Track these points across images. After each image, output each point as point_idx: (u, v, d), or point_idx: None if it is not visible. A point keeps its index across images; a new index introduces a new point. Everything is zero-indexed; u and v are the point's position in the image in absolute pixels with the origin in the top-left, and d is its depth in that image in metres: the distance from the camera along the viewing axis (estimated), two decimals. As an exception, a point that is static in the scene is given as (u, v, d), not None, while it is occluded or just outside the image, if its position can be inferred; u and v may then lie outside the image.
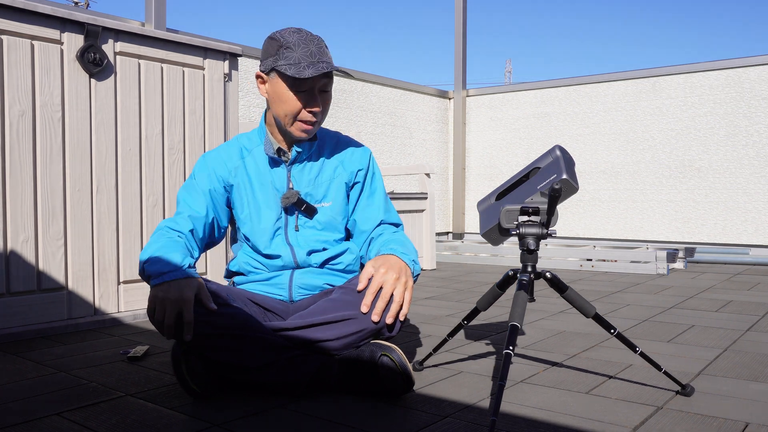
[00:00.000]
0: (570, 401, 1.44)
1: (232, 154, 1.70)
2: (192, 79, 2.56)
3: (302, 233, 1.68)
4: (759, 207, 4.24)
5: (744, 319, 2.37)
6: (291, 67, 1.53)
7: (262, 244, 1.67)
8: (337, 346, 1.51)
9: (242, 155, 1.70)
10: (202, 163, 1.70)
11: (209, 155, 1.71)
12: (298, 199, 1.64)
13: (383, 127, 4.88)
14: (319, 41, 1.59)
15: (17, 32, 2.09)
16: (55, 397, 1.50)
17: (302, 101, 1.58)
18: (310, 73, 1.52)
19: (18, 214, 2.10)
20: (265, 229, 1.66)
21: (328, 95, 1.63)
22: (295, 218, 1.68)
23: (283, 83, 1.57)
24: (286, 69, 1.54)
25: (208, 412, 1.38)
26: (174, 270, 1.46)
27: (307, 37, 1.57)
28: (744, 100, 4.29)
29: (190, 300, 1.42)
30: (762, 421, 1.31)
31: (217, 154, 1.71)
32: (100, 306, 2.31)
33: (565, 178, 1.39)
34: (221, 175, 1.68)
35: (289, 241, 1.67)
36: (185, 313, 1.40)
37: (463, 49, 5.42)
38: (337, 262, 1.70)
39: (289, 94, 1.57)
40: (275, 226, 1.67)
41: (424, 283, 3.45)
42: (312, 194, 1.68)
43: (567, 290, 1.49)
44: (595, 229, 4.85)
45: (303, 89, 1.57)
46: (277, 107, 1.61)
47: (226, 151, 1.71)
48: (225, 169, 1.68)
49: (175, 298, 1.41)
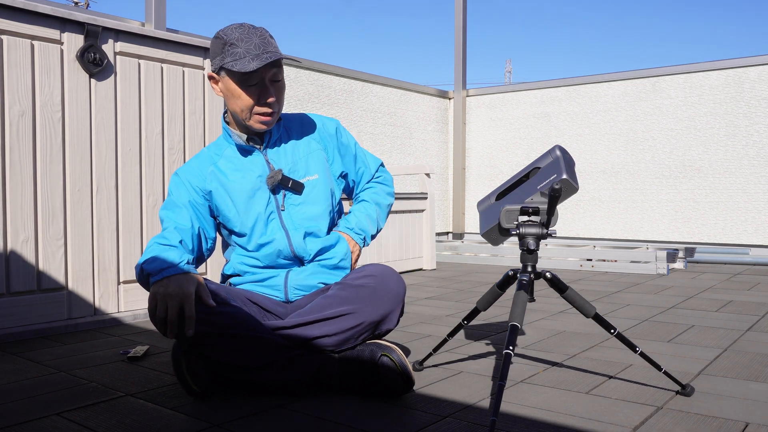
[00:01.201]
0: (570, 401, 1.44)
1: (202, 163, 1.70)
2: (192, 79, 2.56)
3: (295, 211, 1.66)
4: (759, 207, 4.24)
5: (744, 319, 2.37)
6: (236, 62, 1.54)
7: (257, 233, 1.65)
8: (336, 342, 1.51)
9: (213, 161, 1.69)
10: (176, 179, 1.70)
11: (180, 171, 1.71)
12: (282, 176, 1.64)
13: (383, 127, 4.88)
14: (263, 32, 1.59)
15: (17, 32, 2.09)
16: (55, 397, 1.50)
17: (255, 95, 1.58)
18: (255, 65, 1.52)
19: (18, 214, 2.10)
20: (258, 217, 1.65)
21: (280, 84, 1.62)
22: (282, 197, 1.67)
23: (232, 80, 1.58)
24: (233, 65, 1.54)
25: (208, 412, 1.38)
26: (172, 266, 1.46)
27: (249, 31, 1.57)
28: (744, 100, 4.29)
29: (191, 294, 1.42)
30: (762, 421, 1.31)
31: (188, 167, 1.71)
32: (100, 306, 2.31)
33: (565, 178, 1.39)
34: (196, 184, 1.67)
35: (284, 224, 1.66)
36: (186, 308, 1.40)
37: (463, 49, 5.42)
38: (330, 255, 1.69)
39: (241, 90, 1.58)
40: (267, 211, 1.66)
41: (424, 283, 3.45)
42: (295, 170, 1.68)
43: (567, 290, 1.49)
44: (595, 229, 4.85)
45: (253, 83, 1.57)
46: (232, 104, 1.61)
47: (196, 162, 1.71)
48: (199, 177, 1.68)
49: (175, 293, 1.40)
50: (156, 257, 1.48)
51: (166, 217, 1.65)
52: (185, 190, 1.67)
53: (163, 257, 1.48)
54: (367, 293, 1.54)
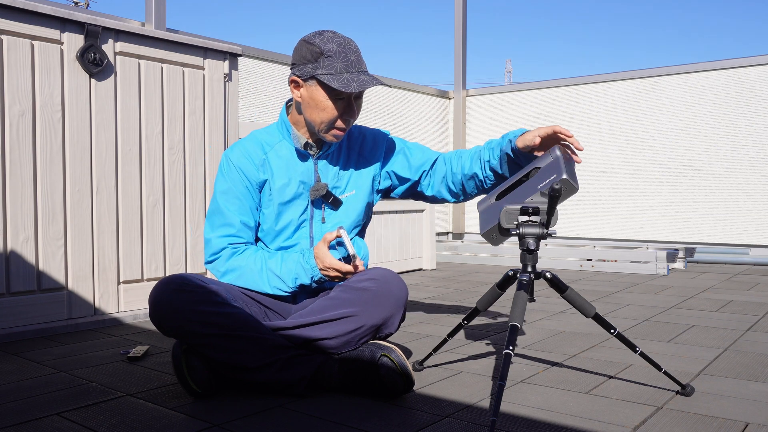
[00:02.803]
0: (570, 401, 1.44)
1: (255, 150, 1.68)
2: (192, 79, 2.56)
3: (327, 226, 1.70)
4: (759, 207, 4.24)
5: (744, 319, 2.37)
6: (334, 78, 1.54)
7: (283, 237, 1.67)
8: (336, 344, 1.51)
9: (265, 150, 1.69)
10: (228, 165, 1.67)
11: (233, 156, 1.68)
12: (326, 191, 1.66)
13: (383, 127, 4.88)
14: (356, 48, 1.60)
15: (17, 32, 2.09)
16: (55, 397, 1.50)
17: (339, 109, 1.59)
18: (355, 87, 1.53)
19: (18, 214, 2.10)
20: (290, 223, 1.67)
21: (361, 101, 1.65)
22: (321, 211, 1.69)
23: (323, 91, 1.58)
24: (330, 80, 1.54)
25: (208, 412, 1.38)
26: (294, 258, 1.61)
27: (345, 45, 1.57)
28: (744, 100, 4.29)
29: (322, 246, 1.56)
30: (762, 421, 1.31)
31: (241, 152, 1.67)
32: (100, 306, 2.31)
33: (565, 178, 1.39)
34: (250, 174, 1.66)
35: (312, 234, 1.69)
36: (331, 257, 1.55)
37: (463, 49, 5.42)
38: None
39: (328, 103, 1.58)
40: (300, 219, 1.68)
41: (424, 283, 3.45)
42: (338, 186, 1.70)
43: (567, 290, 1.49)
44: (595, 229, 4.85)
45: (341, 97, 1.58)
46: (312, 113, 1.60)
47: (249, 146, 1.69)
48: (253, 166, 1.66)
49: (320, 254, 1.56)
50: (280, 273, 1.62)
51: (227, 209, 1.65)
52: (239, 178, 1.66)
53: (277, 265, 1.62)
54: (369, 297, 1.53)
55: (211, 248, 1.66)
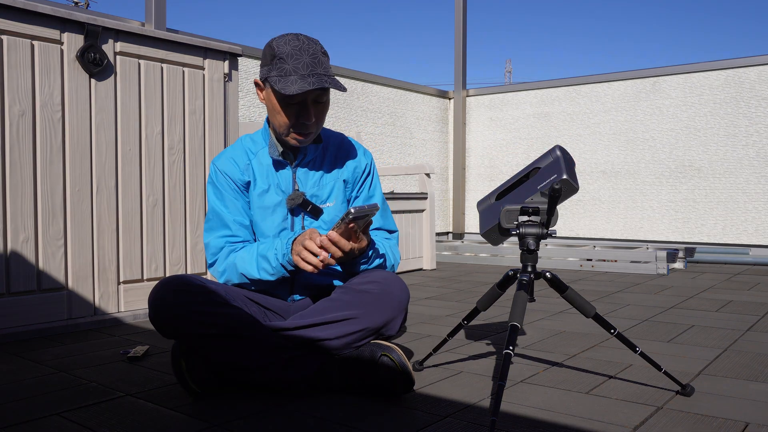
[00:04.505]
0: (570, 401, 1.44)
1: (240, 154, 1.69)
2: (192, 79, 2.56)
3: None
4: (759, 207, 4.24)
5: (744, 319, 2.37)
6: (280, 80, 1.50)
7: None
8: (338, 345, 1.51)
9: (249, 156, 1.69)
10: (214, 172, 1.68)
11: (218, 163, 1.69)
12: (303, 200, 1.64)
13: (383, 127, 4.88)
14: (315, 50, 1.53)
15: (17, 32, 2.09)
16: (55, 397, 1.50)
17: (293, 115, 1.55)
18: (295, 89, 1.48)
19: (18, 214, 2.10)
20: (269, 230, 1.66)
21: (322, 105, 1.58)
22: (301, 219, 1.67)
23: (275, 96, 1.55)
24: (276, 82, 1.51)
25: (208, 412, 1.38)
26: (280, 245, 1.55)
27: (302, 47, 1.52)
28: (744, 100, 4.29)
29: (311, 232, 1.51)
30: (762, 421, 1.31)
31: (226, 160, 1.68)
32: (100, 306, 2.31)
33: (565, 178, 1.39)
34: (237, 177, 1.66)
35: None
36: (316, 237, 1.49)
37: (463, 49, 5.42)
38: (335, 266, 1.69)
39: (280, 107, 1.55)
40: (280, 227, 1.66)
41: (424, 283, 3.45)
42: (317, 195, 1.67)
43: (567, 290, 1.49)
44: (595, 229, 4.85)
45: (294, 102, 1.54)
46: (272, 117, 1.60)
47: (232, 153, 1.69)
48: (238, 170, 1.67)
49: (301, 237, 1.50)
50: (263, 257, 1.57)
51: (222, 211, 1.66)
52: (226, 182, 1.67)
53: (265, 247, 1.58)
54: (370, 299, 1.53)
55: (211, 249, 1.67)
